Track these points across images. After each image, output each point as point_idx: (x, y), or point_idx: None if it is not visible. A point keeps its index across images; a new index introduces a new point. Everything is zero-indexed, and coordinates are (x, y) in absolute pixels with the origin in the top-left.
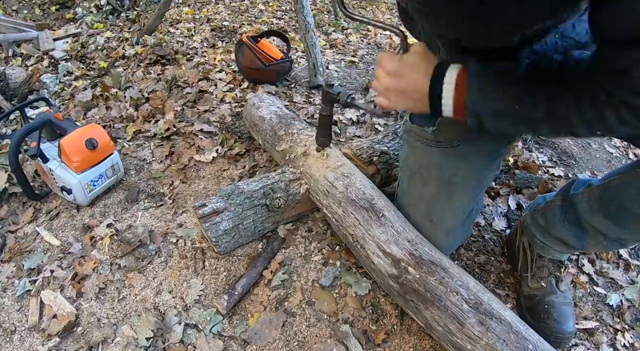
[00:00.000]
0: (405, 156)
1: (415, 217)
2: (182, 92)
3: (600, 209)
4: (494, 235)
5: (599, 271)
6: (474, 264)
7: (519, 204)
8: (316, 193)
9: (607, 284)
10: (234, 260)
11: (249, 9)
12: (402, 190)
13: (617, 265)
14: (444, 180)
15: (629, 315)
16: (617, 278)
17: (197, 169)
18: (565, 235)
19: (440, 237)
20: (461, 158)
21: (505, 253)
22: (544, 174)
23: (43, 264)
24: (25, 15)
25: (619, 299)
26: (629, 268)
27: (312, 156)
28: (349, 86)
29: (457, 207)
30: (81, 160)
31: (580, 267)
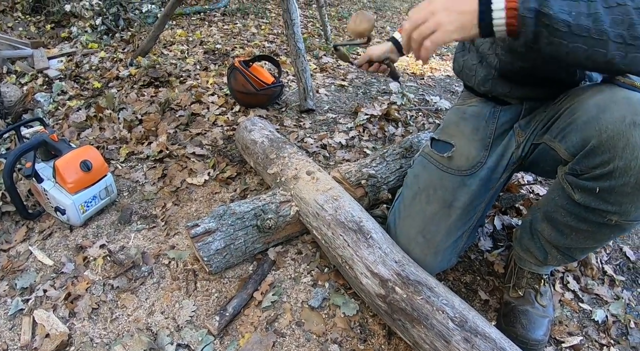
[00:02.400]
0: (415, 174)
1: (410, 232)
2: (175, 115)
3: (545, 218)
4: (480, 255)
5: (584, 287)
6: (460, 284)
7: (504, 224)
8: (306, 215)
9: (592, 300)
10: (225, 282)
11: (242, 32)
12: (404, 205)
13: (602, 281)
14: (446, 202)
15: (615, 329)
16: (602, 294)
17: (189, 192)
18: (531, 246)
19: (429, 254)
20: (466, 187)
21: (490, 273)
22: (528, 193)
23: (36, 283)
24: (20, 32)
25: (605, 314)
26: (614, 284)
27: (302, 179)
28: (338, 110)
29: (452, 228)
30: (75, 181)
31: (565, 284)
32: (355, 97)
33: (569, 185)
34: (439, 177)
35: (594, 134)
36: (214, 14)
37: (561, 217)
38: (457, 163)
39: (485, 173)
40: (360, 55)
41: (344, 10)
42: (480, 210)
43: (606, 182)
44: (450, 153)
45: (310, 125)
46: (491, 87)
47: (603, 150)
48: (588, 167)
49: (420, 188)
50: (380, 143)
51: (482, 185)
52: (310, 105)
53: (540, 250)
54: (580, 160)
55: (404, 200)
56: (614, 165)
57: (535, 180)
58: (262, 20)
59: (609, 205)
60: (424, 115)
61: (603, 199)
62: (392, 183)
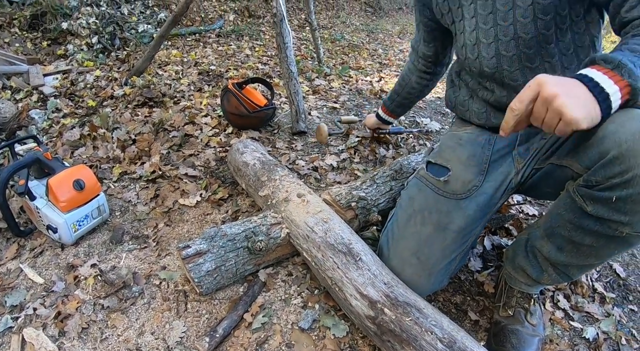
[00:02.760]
0: (410, 197)
1: (404, 253)
2: (169, 136)
3: (545, 234)
4: (470, 275)
5: (575, 306)
6: (451, 304)
7: (494, 244)
8: (296, 237)
9: (583, 318)
10: (216, 303)
11: (236, 54)
12: (398, 226)
13: (592, 298)
14: (442, 225)
15: (606, 347)
16: (593, 312)
17: (181, 213)
18: (525, 265)
19: (423, 275)
20: (462, 210)
21: (480, 293)
22: (518, 213)
23: (26, 301)
24: (16, 48)
25: (595, 332)
26: (604, 301)
27: (293, 202)
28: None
29: (446, 251)
30: (68, 200)
31: (555, 303)
32: None
33: (581, 198)
34: (435, 200)
35: (613, 146)
36: (209, 35)
37: (566, 232)
38: (453, 187)
39: (483, 198)
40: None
41: (336, 32)
42: (475, 234)
43: (623, 190)
44: (447, 177)
45: (302, 147)
46: (486, 120)
47: (622, 160)
48: (605, 177)
49: (415, 211)
50: (372, 166)
51: (479, 209)
52: (302, 127)
53: (536, 268)
54: (597, 170)
55: (397, 222)
56: (633, 173)
57: (524, 200)
58: (256, 41)
59: (622, 215)
60: (414, 137)
61: (618, 209)
62: (382, 205)
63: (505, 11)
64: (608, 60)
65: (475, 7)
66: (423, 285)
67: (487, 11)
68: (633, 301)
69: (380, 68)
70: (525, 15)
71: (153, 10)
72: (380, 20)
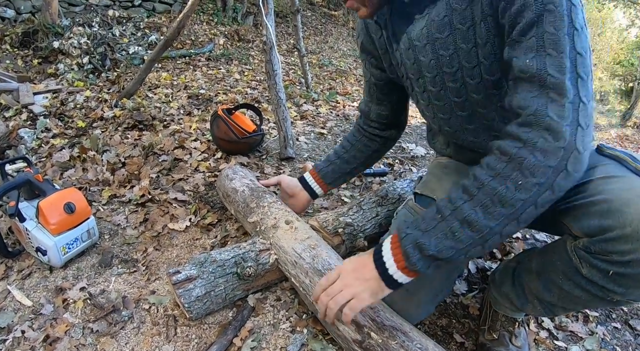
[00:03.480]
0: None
1: None
2: (158, 160)
3: (535, 270)
4: (455, 298)
5: (559, 325)
6: (437, 327)
7: (478, 267)
8: (285, 263)
9: (567, 337)
10: (205, 328)
11: (225, 78)
12: None
13: (576, 318)
14: None
15: None
16: (577, 331)
17: (171, 237)
18: (511, 293)
19: (410, 306)
20: None
21: (466, 315)
22: None
23: (13, 324)
24: (7, 65)
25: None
26: (588, 320)
27: (281, 228)
28: (317, 158)
29: (435, 285)
30: (58, 223)
31: (540, 323)
32: (334, 145)
33: (578, 259)
34: None
35: (617, 225)
36: (199, 58)
37: (557, 279)
38: None
39: None
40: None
41: (324, 58)
42: (463, 265)
43: (621, 268)
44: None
45: (290, 173)
46: (469, 160)
47: (625, 241)
48: (606, 251)
49: None
50: (358, 191)
51: None
52: (290, 153)
53: (521, 298)
54: (597, 243)
55: None
56: (635, 256)
57: None
58: (245, 66)
59: (617, 286)
60: (400, 162)
61: (613, 281)
62: (368, 231)
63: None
64: (399, 236)
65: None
66: (411, 315)
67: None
68: (616, 319)
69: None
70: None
71: (144, 33)
72: None
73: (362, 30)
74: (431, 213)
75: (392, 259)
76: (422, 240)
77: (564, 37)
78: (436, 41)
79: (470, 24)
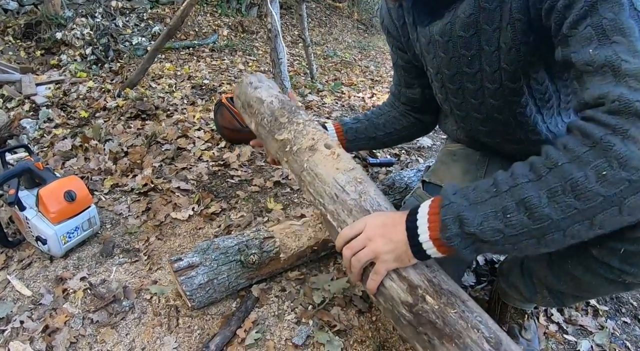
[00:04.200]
0: None
1: None
2: (161, 149)
3: (544, 259)
4: (464, 290)
5: (568, 319)
6: None
7: (487, 259)
8: (320, 195)
9: (576, 331)
10: (208, 319)
11: (229, 68)
12: None
13: (585, 312)
14: None
15: None
16: (587, 325)
17: (173, 226)
18: (519, 284)
19: None
20: None
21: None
22: None
23: (12, 314)
24: (10, 56)
25: (589, 345)
26: (598, 314)
27: (320, 152)
28: None
29: (446, 269)
30: (59, 211)
31: (549, 316)
32: None
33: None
34: None
35: None
36: (202, 49)
37: (566, 265)
38: None
39: None
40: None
41: (329, 49)
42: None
43: (632, 245)
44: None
45: None
46: (479, 147)
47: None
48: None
49: None
50: None
51: None
52: None
53: (530, 289)
54: None
55: None
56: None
57: None
58: (249, 57)
59: (628, 266)
60: (406, 152)
61: (625, 260)
62: None
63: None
64: (441, 202)
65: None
66: None
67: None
68: (626, 313)
69: (372, 84)
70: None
71: (147, 23)
72: (372, 37)
73: (386, 14)
74: (485, 185)
75: (426, 225)
76: (466, 213)
77: (628, 20)
78: (459, 39)
79: (497, 26)
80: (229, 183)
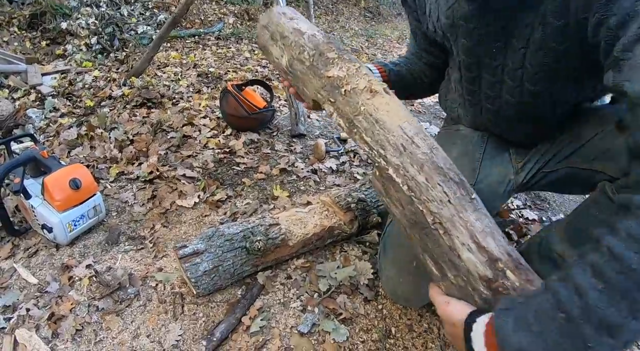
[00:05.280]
0: None
1: (402, 261)
2: (167, 136)
3: (566, 237)
4: None
5: None
6: None
7: None
8: (381, 145)
9: None
10: (213, 306)
11: (235, 56)
12: (394, 233)
13: None
14: None
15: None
16: None
17: (179, 214)
18: (540, 269)
19: (423, 284)
20: None
21: None
22: (518, 218)
23: (19, 302)
24: (15, 47)
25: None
26: None
27: (382, 96)
28: (329, 135)
29: None
30: (64, 199)
31: None
32: None
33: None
34: None
35: None
36: (208, 37)
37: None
38: None
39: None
40: None
41: (336, 37)
42: None
43: None
44: None
45: (301, 149)
46: (481, 128)
47: None
48: None
49: None
50: (371, 169)
51: None
52: (302, 130)
53: (552, 272)
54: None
55: (393, 228)
56: None
57: (524, 205)
58: (255, 45)
59: None
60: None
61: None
62: (382, 207)
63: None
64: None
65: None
66: (425, 293)
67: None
68: None
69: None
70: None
71: (153, 12)
72: (379, 25)
73: None
74: (546, 304)
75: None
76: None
77: None
78: (487, 27)
79: (530, 23)
80: (235, 170)
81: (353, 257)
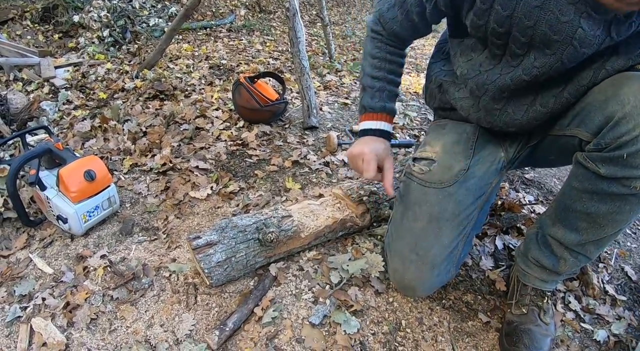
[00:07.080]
0: (401, 195)
1: (403, 251)
2: (179, 128)
3: (556, 220)
4: (481, 274)
5: (586, 307)
6: (462, 303)
7: (506, 244)
8: None
9: (593, 320)
10: (226, 297)
11: (247, 49)
12: (394, 226)
13: (603, 301)
14: (433, 216)
15: (616, 350)
16: (604, 314)
17: (192, 205)
18: (540, 257)
19: (425, 270)
20: (451, 198)
21: (492, 292)
22: (530, 213)
23: (35, 291)
24: (28, 40)
25: (606, 335)
26: (615, 304)
27: None
28: (341, 127)
29: (444, 241)
30: (79, 190)
31: (566, 304)
32: (358, 115)
33: (593, 163)
34: (422, 193)
35: (617, 108)
36: (220, 29)
37: (581, 206)
38: (439, 177)
39: (473, 182)
40: None
41: (347, 28)
42: (473, 219)
43: (632, 146)
44: (431, 167)
45: (314, 142)
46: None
47: (628, 119)
48: (614, 138)
49: (406, 208)
50: None
51: (469, 193)
52: (314, 122)
53: (551, 258)
54: (605, 134)
55: (394, 222)
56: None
57: (536, 200)
58: (267, 37)
59: (635, 169)
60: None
61: (630, 164)
62: (393, 199)
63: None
64: None
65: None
66: (429, 280)
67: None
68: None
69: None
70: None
71: (164, 4)
72: None
73: None
74: None
75: None
76: None
77: None
78: (557, 8)
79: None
80: (247, 162)
81: (364, 249)
